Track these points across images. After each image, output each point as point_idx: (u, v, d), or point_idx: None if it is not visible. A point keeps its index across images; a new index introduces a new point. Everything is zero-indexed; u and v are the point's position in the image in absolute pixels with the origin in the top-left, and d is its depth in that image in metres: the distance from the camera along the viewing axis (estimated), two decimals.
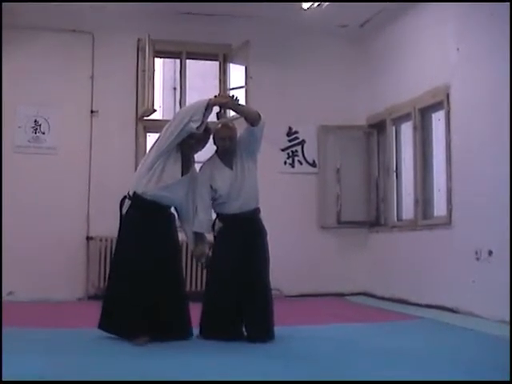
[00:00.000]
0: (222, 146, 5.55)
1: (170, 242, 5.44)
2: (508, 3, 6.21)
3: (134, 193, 5.34)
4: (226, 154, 5.52)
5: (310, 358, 4.67)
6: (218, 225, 5.50)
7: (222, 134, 5.52)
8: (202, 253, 5.49)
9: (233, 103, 5.42)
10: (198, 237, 5.49)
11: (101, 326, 5.35)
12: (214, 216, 5.57)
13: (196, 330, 5.41)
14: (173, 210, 5.53)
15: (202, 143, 5.52)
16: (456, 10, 7.39)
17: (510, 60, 6.25)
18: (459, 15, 7.36)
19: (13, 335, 5.13)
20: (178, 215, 5.57)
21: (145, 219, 5.30)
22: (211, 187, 5.42)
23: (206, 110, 5.23)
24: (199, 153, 5.60)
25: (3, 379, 3.55)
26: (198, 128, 5.20)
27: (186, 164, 5.43)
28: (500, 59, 6.52)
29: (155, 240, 5.28)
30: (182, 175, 5.37)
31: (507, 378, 3.81)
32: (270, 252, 5.70)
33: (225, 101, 5.43)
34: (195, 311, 5.39)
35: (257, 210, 5.58)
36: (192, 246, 5.54)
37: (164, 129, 5.34)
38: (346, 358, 4.75)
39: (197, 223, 5.44)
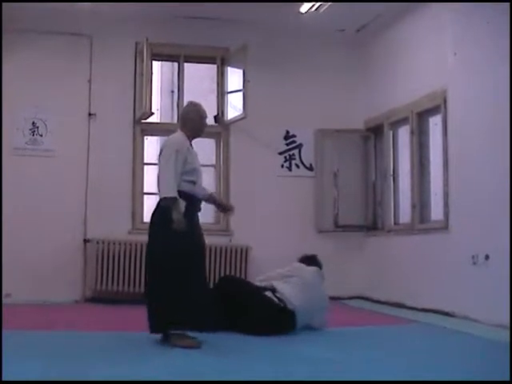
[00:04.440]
0: (204, 128, 5.66)
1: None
2: (508, 3, 6.22)
3: None
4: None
5: (305, 362, 4.68)
6: (183, 203, 5.24)
7: (206, 113, 5.65)
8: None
9: None
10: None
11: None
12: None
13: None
14: None
15: None
16: (453, 14, 7.42)
17: (510, 63, 6.26)
18: (456, 20, 7.38)
19: (10, 338, 5.13)
20: None
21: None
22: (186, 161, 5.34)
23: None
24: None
25: (3, 379, 3.56)
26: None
27: None
28: (497, 63, 6.54)
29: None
30: None
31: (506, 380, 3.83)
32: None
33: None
34: None
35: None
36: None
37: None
38: (342, 361, 4.75)
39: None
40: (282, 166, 9.37)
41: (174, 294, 5.13)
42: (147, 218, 9.26)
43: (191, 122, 5.55)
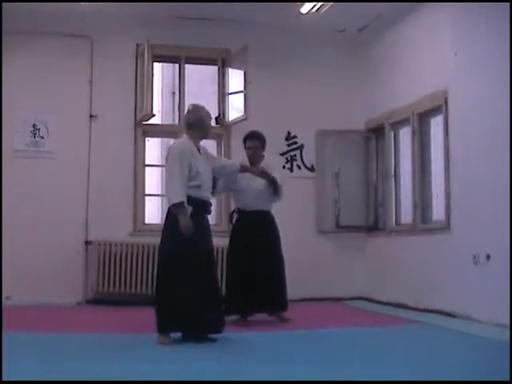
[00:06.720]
0: (210, 129, 5.91)
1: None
2: (508, 3, 6.22)
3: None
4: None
5: (308, 362, 4.67)
6: (189, 209, 5.43)
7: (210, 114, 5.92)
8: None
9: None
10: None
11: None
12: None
13: None
14: None
15: None
16: (453, 15, 7.42)
17: (511, 63, 6.26)
18: (457, 20, 7.38)
19: (11, 340, 5.13)
20: None
21: None
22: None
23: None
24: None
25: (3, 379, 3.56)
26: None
27: None
28: (497, 63, 6.54)
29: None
30: None
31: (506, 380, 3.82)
32: None
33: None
34: None
35: None
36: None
37: None
38: (345, 362, 4.76)
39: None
40: (284, 166, 9.36)
41: (168, 297, 5.31)
42: (149, 219, 9.38)
43: (196, 124, 5.67)
